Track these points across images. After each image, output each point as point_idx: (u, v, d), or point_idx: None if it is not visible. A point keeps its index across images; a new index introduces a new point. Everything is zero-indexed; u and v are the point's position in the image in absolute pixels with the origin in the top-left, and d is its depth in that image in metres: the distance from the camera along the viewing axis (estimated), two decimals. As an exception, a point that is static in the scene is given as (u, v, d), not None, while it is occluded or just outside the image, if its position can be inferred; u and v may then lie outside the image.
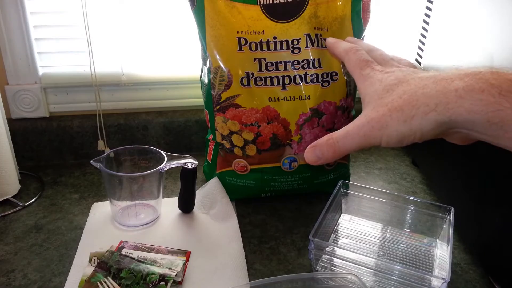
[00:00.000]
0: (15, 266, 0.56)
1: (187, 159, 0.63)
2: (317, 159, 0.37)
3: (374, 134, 0.34)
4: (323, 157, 0.37)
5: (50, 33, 0.76)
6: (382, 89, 0.35)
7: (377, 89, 0.36)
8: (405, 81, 0.34)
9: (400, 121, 0.32)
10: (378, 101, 0.35)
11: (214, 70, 0.63)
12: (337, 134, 0.36)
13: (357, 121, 0.35)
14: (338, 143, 0.36)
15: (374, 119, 0.34)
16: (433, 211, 0.60)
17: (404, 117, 0.32)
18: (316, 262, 0.55)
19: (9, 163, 0.68)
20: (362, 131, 0.34)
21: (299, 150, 0.64)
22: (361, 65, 0.40)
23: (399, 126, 0.32)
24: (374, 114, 0.34)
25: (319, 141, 0.37)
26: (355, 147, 0.35)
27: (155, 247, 0.57)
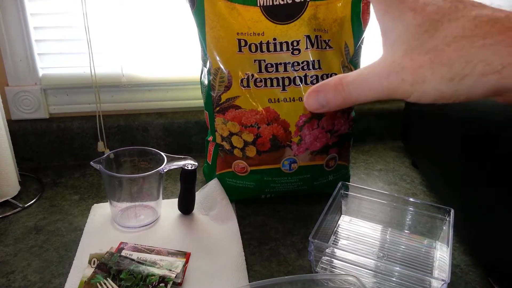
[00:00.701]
0: (14, 267, 0.55)
1: (187, 160, 0.63)
2: (320, 107, 0.29)
3: (403, 88, 0.25)
4: (328, 105, 0.29)
5: (50, 34, 0.77)
6: (417, 26, 0.26)
7: (410, 24, 0.26)
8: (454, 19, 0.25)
9: (445, 79, 0.24)
10: (413, 43, 0.25)
11: (214, 72, 0.63)
12: (350, 79, 0.28)
13: (379, 67, 0.27)
14: (350, 92, 0.28)
15: (406, 69, 0.25)
16: (433, 212, 0.60)
17: (451, 75, 0.24)
18: (316, 263, 0.55)
19: (9, 164, 0.68)
20: (386, 81, 0.26)
21: (299, 152, 0.64)
22: None
23: (441, 84, 0.24)
24: (407, 63, 0.25)
25: (325, 86, 0.29)
26: (373, 98, 0.27)
27: (155, 248, 0.57)
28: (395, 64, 0.26)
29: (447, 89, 0.24)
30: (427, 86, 0.24)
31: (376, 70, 0.27)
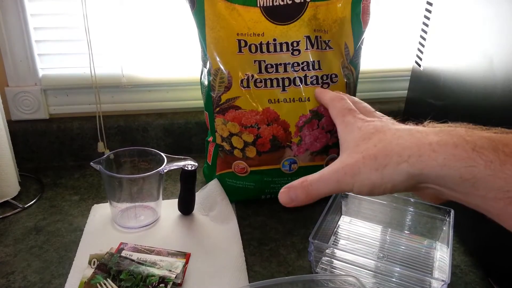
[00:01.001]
0: (14, 268, 0.55)
1: (187, 161, 0.63)
2: (290, 201, 0.38)
3: (347, 181, 0.34)
4: (296, 199, 0.37)
5: (50, 35, 0.77)
6: (359, 137, 0.36)
7: (355, 137, 0.36)
8: (382, 131, 0.35)
9: (372, 169, 0.32)
10: (354, 148, 0.35)
11: (214, 72, 0.63)
12: (312, 178, 0.36)
13: (332, 166, 0.36)
14: (311, 186, 0.36)
15: (348, 165, 0.34)
16: (433, 213, 0.60)
17: (376, 166, 0.32)
18: (316, 264, 0.55)
19: (9, 165, 0.68)
20: (335, 176, 0.35)
21: (299, 152, 0.64)
22: (344, 112, 0.41)
23: (371, 174, 0.32)
24: (348, 160, 0.34)
25: (294, 183, 0.38)
26: (328, 191, 0.35)
27: (155, 249, 0.57)
28: (341, 162, 0.35)
29: (375, 177, 0.32)
30: (362, 176, 0.33)
31: (330, 168, 0.35)
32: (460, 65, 0.60)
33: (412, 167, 0.30)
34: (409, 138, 0.32)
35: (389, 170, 0.31)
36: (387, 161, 0.31)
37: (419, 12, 0.72)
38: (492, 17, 0.53)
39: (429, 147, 0.30)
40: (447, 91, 0.63)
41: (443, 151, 0.29)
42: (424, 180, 0.30)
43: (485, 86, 0.53)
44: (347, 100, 0.44)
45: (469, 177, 0.28)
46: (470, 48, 0.57)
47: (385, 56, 0.88)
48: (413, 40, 0.76)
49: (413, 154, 0.30)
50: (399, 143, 0.32)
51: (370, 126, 0.36)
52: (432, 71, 0.69)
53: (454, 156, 0.28)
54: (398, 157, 0.31)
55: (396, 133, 0.33)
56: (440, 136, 0.30)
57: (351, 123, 0.39)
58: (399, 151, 0.31)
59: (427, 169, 0.29)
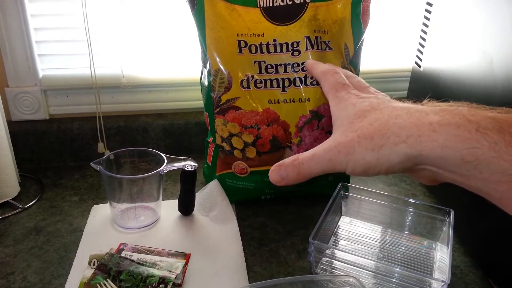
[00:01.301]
0: (14, 268, 0.55)
1: (187, 161, 0.63)
2: (281, 179, 0.36)
3: (340, 159, 0.32)
4: (287, 178, 0.36)
5: (50, 35, 0.77)
6: (354, 114, 0.34)
7: (349, 113, 0.34)
8: (378, 109, 0.33)
9: (368, 149, 0.31)
10: (348, 126, 0.33)
11: (214, 73, 0.63)
12: (304, 156, 0.35)
13: (325, 144, 0.34)
14: (303, 165, 0.35)
15: (341, 143, 0.32)
16: (433, 213, 0.60)
17: (372, 146, 0.31)
18: (316, 264, 0.55)
19: (9, 165, 0.68)
20: (328, 154, 0.33)
21: (299, 153, 0.64)
22: (337, 87, 0.39)
23: (366, 154, 0.31)
24: (342, 139, 0.33)
25: (285, 161, 0.36)
26: (320, 170, 0.34)
27: (155, 249, 0.57)
28: (334, 141, 0.33)
29: (370, 158, 0.31)
30: (356, 155, 0.31)
31: (322, 147, 0.34)
32: (460, 66, 0.60)
33: (411, 148, 0.29)
34: (408, 117, 0.30)
35: (385, 150, 0.30)
36: (383, 141, 0.30)
37: (419, 12, 0.73)
38: (491, 17, 0.53)
39: (429, 127, 0.28)
40: (447, 91, 0.63)
41: (444, 131, 0.27)
42: (423, 162, 0.29)
43: (485, 86, 0.53)
44: (340, 74, 0.41)
45: (471, 159, 0.26)
46: (470, 49, 0.57)
47: (385, 57, 0.88)
48: (413, 41, 0.77)
49: (412, 135, 0.29)
50: (397, 122, 0.30)
51: (365, 103, 0.34)
52: (432, 72, 0.69)
53: (456, 136, 0.27)
54: (395, 137, 0.30)
55: (394, 111, 0.32)
56: (441, 116, 0.28)
57: (344, 99, 0.37)
58: (396, 130, 0.30)
59: (426, 150, 0.28)
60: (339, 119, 0.35)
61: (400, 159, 0.30)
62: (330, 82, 0.40)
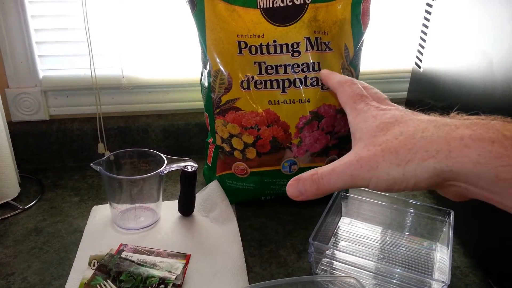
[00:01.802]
0: (14, 269, 0.55)
1: (187, 162, 0.63)
2: (300, 194, 0.34)
3: (363, 175, 0.31)
4: (306, 193, 0.34)
5: (50, 36, 0.77)
6: (376, 127, 0.32)
7: (371, 126, 0.33)
8: (403, 121, 0.31)
9: (393, 164, 0.29)
10: (371, 139, 0.32)
11: (214, 73, 0.63)
12: (323, 170, 0.33)
13: (345, 158, 0.32)
14: (322, 180, 0.33)
15: (364, 158, 0.31)
16: (433, 214, 0.60)
17: (398, 161, 0.29)
18: (316, 265, 0.55)
19: (9, 166, 0.68)
20: (349, 169, 0.31)
21: (299, 153, 0.64)
22: (355, 98, 0.37)
23: (391, 169, 0.29)
24: (364, 153, 0.31)
25: (303, 175, 0.34)
26: (341, 185, 0.32)
27: (155, 250, 0.57)
28: (356, 155, 0.32)
29: (396, 173, 0.29)
30: (380, 171, 0.30)
31: (343, 161, 0.32)
32: (460, 66, 0.60)
33: (440, 163, 0.27)
34: (436, 131, 0.28)
35: (412, 166, 0.28)
36: (410, 156, 0.28)
37: (419, 13, 0.73)
38: (491, 18, 0.53)
39: (461, 142, 0.26)
40: (447, 92, 0.63)
41: (477, 147, 0.26)
42: (452, 178, 0.27)
43: (485, 87, 0.53)
44: (358, 85, 0.40)
45: (507, 177, 0.25)
46: (470, 49, 0.57)
47: (385, 57, 0.88)
48: (413, 41, 0.77)
49: (442, 149, 0.27)
50: (425, 136, 0.28)
51: (387, 115, 0.33)
52: (432, 72, 0.69)
53: (491, 152, 0.25)
54: (423, 151, 0.28)
55: (420, 124, 0.30)
56: (474, 130, 0.27)
57: (363, 110, 0.35)
58: (424, 145, 0.28)
59: (457, 166, 0.26)
60: (359, 131, 0.34)
61: (428, 175, 0.28)
62: (348, 93, 0.39)
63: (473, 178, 0.26)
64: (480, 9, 0.55)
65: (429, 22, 0.69)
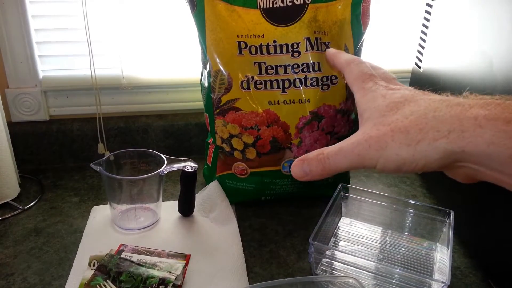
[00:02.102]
0: (14, 269, 0.55)
1: (187, 162, 0.63)
2: (304, 174, 0.33)
3: (371, 155, 0.30)
4: (311, 173, 0.33)
5: (51, 36, 0.77)
6: (385, 106, 0.31)
7: (380, 105, 0.32)
8: (413, 101, 0.30)
9: (403, 144, 0.28)
10: (380, 119, 0.31)
11: (214, 74, 0.63)
12: (329, 150, 0.32)
13: (353, 138, 0.31)
14: (328, 160, 0.32)
15: (372, 137, 0.30)
16: (433, 214, 0.60)
17: (408, 140, 0.28)
18: (316, 265, 0.55)
19: (9, 166, 0.68)
20: (357, 149, 0.30)
21: (299, 154, 0.64)
22: (364, 77, 0.36)
23: (401, 149, 0.28)
24: (373, 133, 0.30)
25: (308, 155, 0.33)
26: (347, 166, 0.31)
27: (155, 250, 0.57)
28: (365, 134, 0.31)
29: (406, 154, 0.28)
30: (389, 151, 0.29)
31: (350, 140, 0.31)
32: (460, 66, 0.60)
33: (452, 143, 0.26)
34: (448, 110, 0.27)
35: (423, 146, 0.27)
36: (421, 135, 0.27)
37: (419, 13, 0.73)
38: (491, 18, 0.53)
39: (474, 122, 0.26)
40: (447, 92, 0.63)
41: (491, 127, 0.25)
42: (464, 159, 0.27)
43: (485, 88, 0.53)
44: (366, 64, 0.39)
45: None
46: (470, 50, 0.57)
47: (385, 58, 0.88)
48: (413, 42, 0.77)
49: (455, 129, 0.26)
50: (436, 115, 0.28)
51: (397, 94, 0.32)
52: (432, 73, 0.69)
53: (506, 133, 0.24)
54: (435, 131, 0.27)
55: (432, 104, 0.29)
56: (488, 110, 0.26)
57: (372, 90, 0.34)
58: (436, 125, 0.27)
59: (470, 146, 0.26)
60: (367, 111, 0.32)
61: (439, 155, 0.27)
62: (355, 72, 0.37)
63: (485, 159, 0.26)
64: (480, 9, 0.55)
65: (429, 22, 0.69)
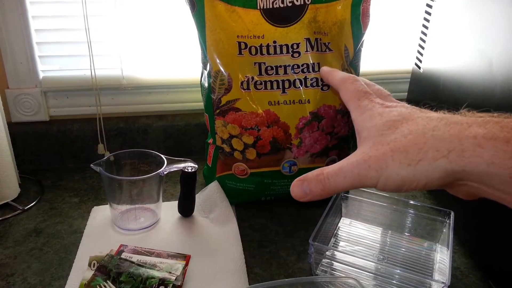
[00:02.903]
0: (14, 270, 0.55)
1: (187, 162, 0.63)
2: (304, 195, 0.33)
3: (371, 175, 0.30)
4: (311, 193, 0.33)
5: (51, 37, 0.77)
6: (382, 124, 0.31)
7: (377, 124, 0.32)
8: (411, 119, 0.30)
9: (403, 164, 0.28)
10: (378, 138, 0.31)
11: (214, 74, 0.63)
12: (329, 170, 0.32)
13: (352, 158, 0.31)
14: (329, 180, 0.32)
15: (372, 157, 0.30)
16: (433, 215, 0.60)
17: (408, 160, 0.28)
18: (316, 266, 0.55)
19: (9, 167, 0.68)
20: (357, 169, 0.30)
21: (299, 154, 0.64)
22: (359, 95, 0.36)
23: (401, 169, 0.28)
24: (373, 152, 0.30)
25: (308, 175, 0.33)
26: (348, 186, 0.31)
27: (155, 251, 0.57)
28: (364, 154, 0.31)
29: (406, 173, 0.28)
30: (389, 171, 0.29)
31: (350, 160, 0.31)
32: (460, 67, 0.60)
33: (452, 163, 0.26)
34: (447, 129, 0.27)
35: (423, 165, 0.27)
36: (421, 155, 0.27)
37: (419, 14, 0.73)
38: (491, 18, 0.53)
39: (474, 141, 0.26)
40: (447, 93, 0.63)
41: (491, 146, 0.25)
42: (465, 178, 0.27)
43: (485, 88, 0.53)
44: (361, 82, 0.39)
45: None
46: (470, 50, 0.57)
47: (385, 58, 0.88)
48: (413, 42, 0.77)
49: (454, 149, 0.26)
50: (435, 134, 0.28)
51: (394, 113, 0.32)
52: (432, 73, 0.69)
53: (505, 153, 0.25)
54: (434, 151, 0.27)
55: (430, 122, 0.29)
56: (487, 128, 0.26)
57: (368, 108, 0.34)
58: (435, 144, 0.27)
59: (470, 166, 0.26)
60: (365, 130, 0.33)
61: (439, 175, 0.27)
62: (351, 90, 0.38)
63: (486, 178, 0.26)
64: (479, 10, 0.55)
65: (429, 22, 0.69)
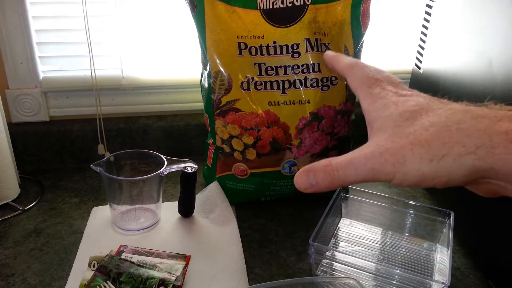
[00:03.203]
0: (14, 270, 0.55)
1: (187, 163, 0.63)
2: (310, 186, 0.30)
3: (386, 170, 0.27)
4: (317, 185, 0.30)
5: (51, 37, 0.77)
6: (399, 115, 0.28)
7: (392, 114, 0.29)
8: (431, 110, 0.27)
9: (424, 159, 0.26)
10: (395, 130, 0.28)
11: (214, 75, 0.63)
12: (338, 161, 0.29)
13: (365, 149, 0.28)
14: (338, 172, 0.29)
15: (389, 150, 0.27)
16: (433, 215, 0.60)
17: (430, 155, 0.25)
18: (316, 266, 0.55)
19: (9, 167, 0.68)
20: (370, 163, 0.27)
21: (299, 154, 0.64)
22: (369, 82, 0.33)
23: (421, 165, 0.26)
24: (389, 145, 0.27)
25: (315, 165, 0.30)
26: (359, 179, 0.28)
27: (155, 251, 0.57)
28: (379, 147, 0.28)
29: (427, 170, 0.26)
30: (408, 167, 0.26)
31: (362, 152, 0.28)
32: (460, 67, 0.60)
33: (480, 160, 0.24)
34: (474, 123, 0.25)
35: (447, 162, 0.25)
36: (445, 150, 0.25)
37: (419, 14, 0.73)
38: (491, 18, 0.53)
39: (505, 137, 0.24)
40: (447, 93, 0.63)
41: None
42: (491, 176, 0.25)
43: (485, 88, 0.53)
44: (370, 67, 0.35)
45: None
46: (470, 50, 0.58)
47: (385, 58, 0.88)
48: (413, 42, 0.77)
49: (483, 145, 0.24)
50: (461, 128, 0.25)
51: (411, 102, 0.29)
52: (432, 73, 0.69)
53: None
54: (461, 146, 0.25)
55: (454, 114, 0.26)
56: None
57: (381, 96, 0.31)
58: (461, 139, 0.25)
59: (500, 163, 0.24)
60: (378, 120, 0.29)
61: (465, 172, 0.25)
62: (360, 76, 0.34)
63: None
64: (479, 10, 0.55)
65: (429, 23, 0.69)
